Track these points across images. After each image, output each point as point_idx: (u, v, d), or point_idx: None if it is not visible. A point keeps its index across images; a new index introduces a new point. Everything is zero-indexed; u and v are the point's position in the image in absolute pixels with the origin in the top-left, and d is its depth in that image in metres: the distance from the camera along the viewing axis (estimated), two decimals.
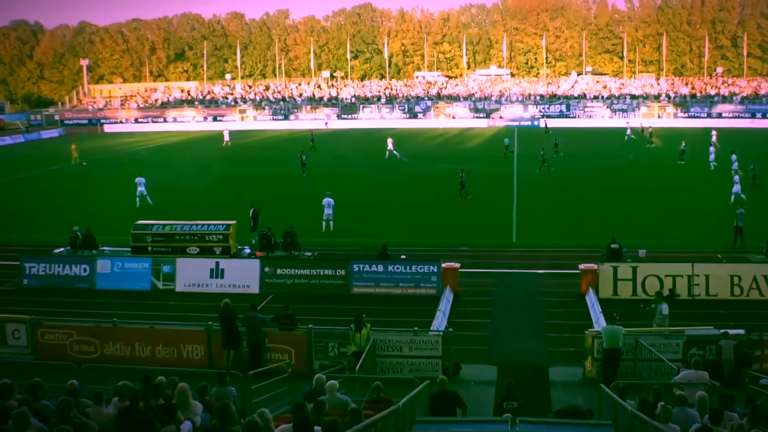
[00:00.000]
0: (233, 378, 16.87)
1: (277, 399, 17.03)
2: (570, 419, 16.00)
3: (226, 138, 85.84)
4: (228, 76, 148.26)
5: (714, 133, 68.76)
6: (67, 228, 34.98)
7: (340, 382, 15.01)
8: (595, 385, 18.46)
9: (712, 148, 60.86)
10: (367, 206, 46.90)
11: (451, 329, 22.79)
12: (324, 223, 39.73)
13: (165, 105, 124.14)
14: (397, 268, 29.78)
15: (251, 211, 38.07)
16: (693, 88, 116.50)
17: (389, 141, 70.01)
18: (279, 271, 30.52)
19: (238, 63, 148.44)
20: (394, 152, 68.77)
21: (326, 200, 40.07)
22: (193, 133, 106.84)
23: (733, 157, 52.93)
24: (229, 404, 11.36)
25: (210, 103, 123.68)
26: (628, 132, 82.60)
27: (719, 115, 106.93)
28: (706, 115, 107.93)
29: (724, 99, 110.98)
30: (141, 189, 47.43)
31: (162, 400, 12.34)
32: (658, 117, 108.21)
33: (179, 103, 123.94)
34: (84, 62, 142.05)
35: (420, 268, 29.63)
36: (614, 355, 20.19)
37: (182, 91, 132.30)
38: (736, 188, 44.09)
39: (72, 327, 23.45)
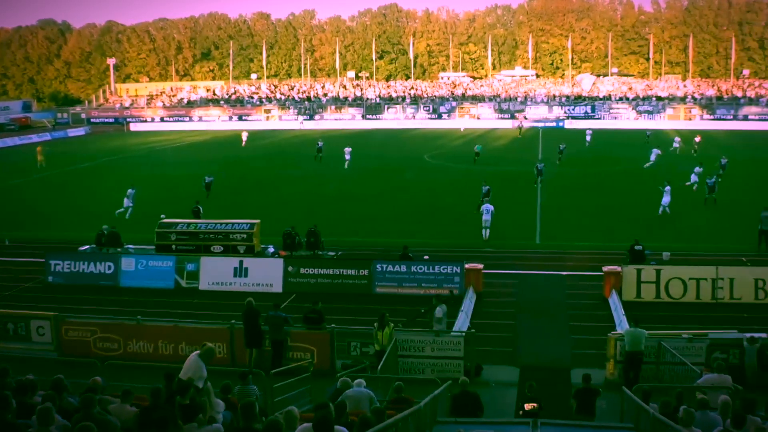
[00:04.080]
0: (255, 376, 16.91)
1: (299, 398, 17.05)
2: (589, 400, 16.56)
3: (244, 139, 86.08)
4: (253, 76, 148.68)
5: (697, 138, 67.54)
6: (92, 225, 35.24)
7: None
8: (618, 388, 18.36)
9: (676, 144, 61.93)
10: (391, 206, 46.86)
11: (473, 330, 22.77)
12: (483, 231, 38.11)
13: (191, 104, 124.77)
14: (420, 269, 29.73)
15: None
16: (719, 90, 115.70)
17: (347, 150, 65.53)
18: (302, 271, 30.55)
19: (264, 63, 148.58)
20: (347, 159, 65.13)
21: (485, 206, 38.50)
22: (218, 132, 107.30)
23: (698, 169, 50.20)
24: (254, 403, 11.38)
25: (235, 102, 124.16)
26: (676, 144, 74.18)
27: (745, 118, 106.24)
28: (732, 117, 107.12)
29: (750, 101, 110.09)
30: (128, 201, 44.69)
31: (188, 400, 12.37)
32: (684, 119, 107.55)
33: (205, 103, 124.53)
34: (111, 61, 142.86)
35: (443, 269, 29.58)
36: (636, 358, 20.09)
37: (208, 90, 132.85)
38: (666, 200, 42.68)
39: (96, 324, 23.63)
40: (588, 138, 74.48)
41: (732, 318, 25.49)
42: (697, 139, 68.35)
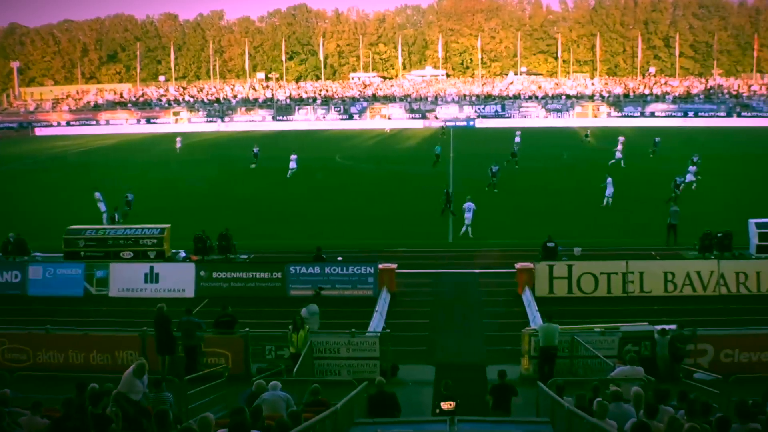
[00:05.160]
0: (169, 383, 16.70)
1: (214, 404, 16.91)
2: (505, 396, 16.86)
3: (178, 144, 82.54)
4: (161, 78, 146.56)
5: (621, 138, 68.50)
6: None
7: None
8: (533, 383, 18.67)
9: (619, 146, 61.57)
10: (304, 209, 46.73)
11: (388, 330, 22.89)
12: (467, 229, 38.61)
13: (98, 107, 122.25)
14: (334, 270, 29.77)
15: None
16: (626, 88, 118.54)
17: (292, 157, 61.46)
18: (215, 275, 30.29)
19: (172, 64, 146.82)
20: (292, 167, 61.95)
21: (467, 205, 38.82)
22: (126, 136, 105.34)
23: (692, 168, 51.39)
24: (168, 410, 11.27)
25: (143, 105, 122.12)
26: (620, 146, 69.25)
27: (652, 115, 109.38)
28: (639, 114, 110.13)
29: (657, 98, 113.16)
30: (102, 206, 42.80)
31: (100, 410, 12.18)
32: (592, 117, 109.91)
33: (112, 106, 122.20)
34: (14, 64, 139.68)
35: (356, 270, 29.66)
36: (550, 353, 20.46)
37: (115, 93, 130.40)
38: (609, 191, 44.60)
39: (4, 335, 22.96)
40: (517, 139, 74.73)
41: (643, 311, 26.11)
42: (621, 139, 69.03)
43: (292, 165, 59.70)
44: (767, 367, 19.43)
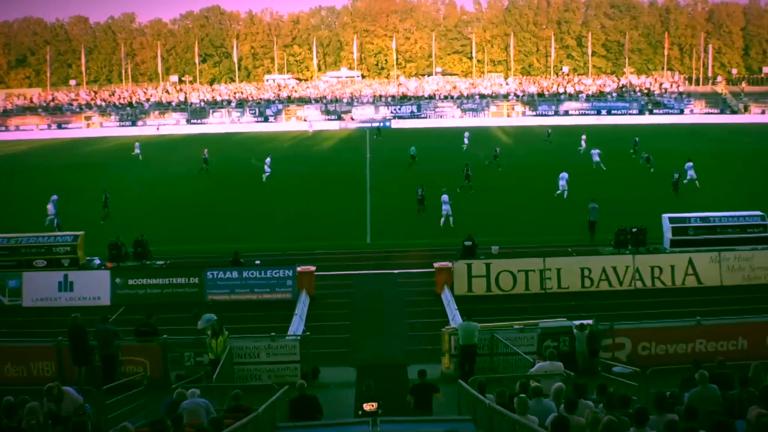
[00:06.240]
0: (87, 394, 16.40)
1: (134, 413, 16.66)
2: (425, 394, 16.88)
3: (137, 150, 77.07)
4: (72, 82, 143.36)
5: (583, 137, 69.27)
6: None
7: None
8: (454, 381, 18.83)
9: (594, 151, 60.61)
10: (221, 212, 46.31)
11: (308, 333, 22.88)
12: (449, 219, 40.14)
13: (7, 113, 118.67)
14: (252, 274, 29.64)
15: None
16: (540, 87, 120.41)
17: (267, 161, 60.18)
18: (131, 282, 29.85)
19: (83, 68, 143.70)
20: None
21: (443, 197, 40.53)
22: (36, 142, 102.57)
23: (689, 164, 51.27)
24: (86, 421, 11.08)
25: (54, 110, 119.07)
26: (583, 144, 70.26)
27: (566, 113, 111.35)
28: (553, 113, 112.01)
29: (571, 97, 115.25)
30: (51, 208, 42.01)
31: (16, 423, 11.91)
32: (507, 116, 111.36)
33: (21, 111, 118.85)
34: None
35: (275, 273, 29.57)
36: (470, 351, 20.65)
37: (24, 98, 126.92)
38: (563, 184, 46.58)
39: None
40: (466, 141, 74.73)
41: (561, 307, 26.59)
42: (584, 137, 69.64)
43: (267, 169, 57.99)
44: (683, 359, 19.89)
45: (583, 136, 67.36)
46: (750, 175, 54.24)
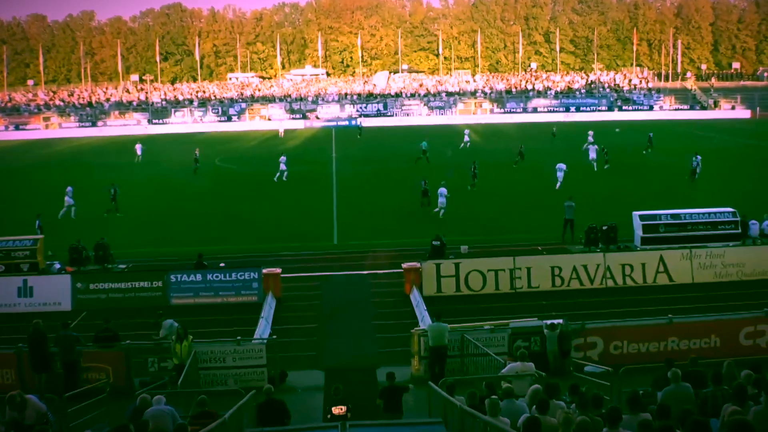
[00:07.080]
0: (48, 402, 16.00)
1: (97, 420, 16.34)
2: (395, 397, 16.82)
3: (139, 152, 74.10)
4: (30, 82, 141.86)
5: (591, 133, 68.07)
6: None
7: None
8: (424, 383, 18.67)
9: (591, 147, 60.24)
10: (183, 214, 45.75)
11: (275, 336, 22.59)
12: (438, 209, 41.26)
13: None
14: (217, 277, 29.20)
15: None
16: (508, 84, 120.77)
17: (282, 159, 57.50)
18: (92, 286, 29.29)
19: (41, 68, 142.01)
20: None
21: (440, 190, 41.64)
22: None
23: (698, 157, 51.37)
24: (47, 429, 10.80)
25: (11, 111, 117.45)
26: (467, 138, 74.27)
27: (535, 110, 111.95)
28: (521, 110, 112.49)
29: (539, 94, 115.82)
30: (68, 200, 44.36)
31: None
32: (474, 113, 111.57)
33: None
34: None
35: (240, 276, 29.18)
36: (440, 353, 20.45)
37: None
38: (560, 175, 47.38)
39: None
40: (467, 138, 74.29)
41: (531, 306, 26.43)
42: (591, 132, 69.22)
43: (282, 167, 56.08)
44: (656, 358, 19.87)
45: (591, 132, 66.92)
46: (721, 171, 54.33)
